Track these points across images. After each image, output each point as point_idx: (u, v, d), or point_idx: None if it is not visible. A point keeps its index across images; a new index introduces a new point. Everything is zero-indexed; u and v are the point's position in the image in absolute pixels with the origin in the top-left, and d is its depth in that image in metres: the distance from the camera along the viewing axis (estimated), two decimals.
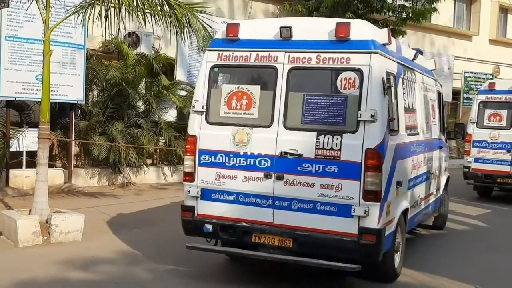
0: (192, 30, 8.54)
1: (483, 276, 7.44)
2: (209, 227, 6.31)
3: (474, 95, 21.97)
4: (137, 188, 13.12)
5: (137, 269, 6.90)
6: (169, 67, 15.09)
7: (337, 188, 5.84)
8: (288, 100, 6.10)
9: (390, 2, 18.18)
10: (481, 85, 21.64)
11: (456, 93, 24.15)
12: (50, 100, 11.83)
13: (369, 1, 17.89)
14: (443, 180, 9.69)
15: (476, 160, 13.68)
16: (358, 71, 5.85)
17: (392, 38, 6.45)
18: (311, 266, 6.09)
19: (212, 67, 6.48)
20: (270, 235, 6.09)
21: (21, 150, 11.80)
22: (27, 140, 11.69)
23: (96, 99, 13.69)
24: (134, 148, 12.92)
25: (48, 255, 7.26)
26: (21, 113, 12.43)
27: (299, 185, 5.99)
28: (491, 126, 13.60)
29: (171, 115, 14.79)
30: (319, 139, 5.91)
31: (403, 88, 6.93)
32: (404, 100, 6.95)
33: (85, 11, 8.06)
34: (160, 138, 14.36)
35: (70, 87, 11.87)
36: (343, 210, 5.83)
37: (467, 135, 13.56)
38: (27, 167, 11.81)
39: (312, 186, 5.95)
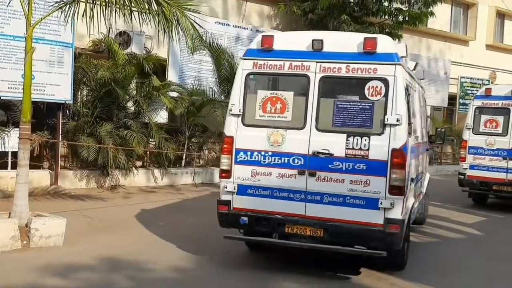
0: (181, 29, 8.25)
1: (479, 285, 7.25)
2: (245, 219, 6.96)
3: (470, 101, 21.84)
4: (125, 191, 12.83)
5: (117, 276, 6.63)
6: (160, 67, 14.83)
7: (365, 184, 6.58)
8: (319, 105, 6.82)
9: (387, 5, 17.98)
10: (477, 90, 21.44)
11: (452, 99, 23.96)
12: (36, 100, 11.67)
13: (365, 3, 17.72)
14: (427, 179, 10.53)
15: (472, 167, 13.43)
16: (384, 81, 6.58)
17: (407, 53, 7.21)
18: (335, 253, 6.90)
19: (248, 75, 7.10)
20: (302, 226, 6.79)
21: (6, 150, 11.50)
22: (12, 140, 11.35)
23: (85, 99, 13.41)
24: (123, 150, 12.63)
25: (26, 261, 6.96)
26: (7, 112, 12.16)
27: (330, 181, 6.72)
28: (487, 133, 13.35)
29: (161, 116, 14.52)
30: (348, 140, 6.65)
31: (411, 96, 7.58)
32: (412, 107, 7.57)
33: (69, 7, 7.76)
34: (150, 140, 14.09)
35: (58, 86, 11.58)
36: (371, 203, 6.57)
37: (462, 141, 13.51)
38: (12, 167, 11.47)
39: (342, 182, 6.68)
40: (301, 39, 7.03)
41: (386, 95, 6.56)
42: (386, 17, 18.33)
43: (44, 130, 12.08)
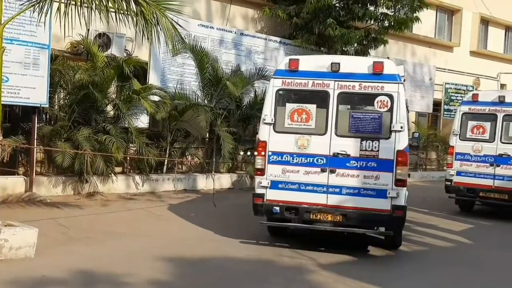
0: (161, 30, 7.88)
1: None
2: (277, 208, 8.49)
3: (454, 107, 21.71)
4: (104, 198, 12.38)
5: None
6: (141, 70, 14.37)
7: (376, 178, 8.26)
8: (338, 115, 8.45)
9: (372, 9, 17.77)
10: (462, 96, 21.36)
11: (436, 104, 23.79)
12: (11, 103, 11.29)
13: (351, 8, 17.49)
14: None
15: (459, 173, 13.21)
16: (390, 96, 8.30)
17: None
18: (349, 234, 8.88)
19: (278, 90, 8.65)
20: (324, 213, 8.38)
21: None
22: None
23: (62, 102, 12.93)
24: (102, 156, 12.19)
25: None
26: None
27: (347, 176, 8.35)
28: (474, 139, 13.15)
29: (142, 121, 14.08)
30: (362, 143, 8.31)
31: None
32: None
33: (41, 6, 7.35)
34: (130, 145, 13.66)
35: (33, 89, 11.11)
36: (380, 193, 8.24)
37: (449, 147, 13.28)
38: None
39: (357, 177, 8.32)
40: (321, 62, 8.69)
41: (391, 107, 8.26)
42: (372, 21, 18.10)
43: (19, 135, 11.58)
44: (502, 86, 25.86)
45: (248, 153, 16.03)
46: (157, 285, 6.63)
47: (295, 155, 8.49)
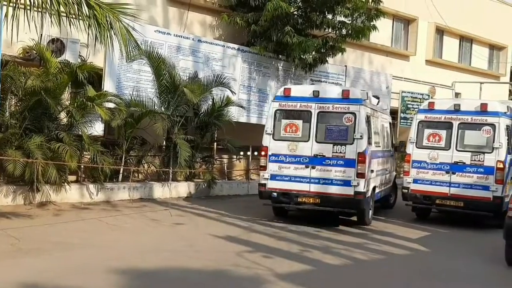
0: (115, 34, 7.67)
1: None
2: (275, 194, 11.97)
3: (411, 115, 21.97)
4: (57, 208, 12.02)
5: None
6: (96, 77, 14.03)
7: (343, 172, 11.52)
8: (317, 128, 11.82)
9: (330, 18, 17.85)
10: (418, 105, 21.62)
11: (393, 113, 24.00)
12: None
13: (309, 16, 17.53)
14: (393, 174, 15.55)
15: (415, 181, 13.29)
16: (353, 114, 11.56)
17: (369, 95, 12.46)
18: (329, 212, 11.94)
19: (276, 110, 12.13)
20: (308, 197, 11.80)
21: None
22: None
23: (13, 109, 12.52)
24: (54, 164, 11.83)
25: None
26: None
27: (323, 171, 11.61)
28: (430, 146, 13.25)
29: (97, 129, 13.75)
30: (334, 147, 11.60)
31: (372, 121, 12.40)
32: (373, 127, 12.44)
33: None
34: (85, 153, 13.31)
35: None
36: (347, 183, 11.47)
37: (406, 155, 13.45)
38: None
39: (330, 171, 11.57)
40: (306, 90, 12.37)
41: (354, 122, 11.51)
42: (330, 30, 18.19)
43: None
44: (457, 94, 26.29)
45: (241, 153, 17.11)
46: None
47: (287, 156, 11.89)
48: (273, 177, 11.92)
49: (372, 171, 11.96)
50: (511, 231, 9.20)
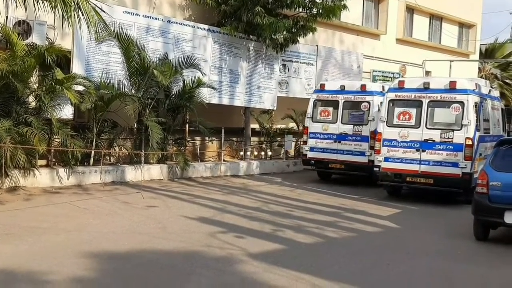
0: (82, 15, 7.54)
1: (395, 279, 7.05)
2: (312, 162, 16.27)
3: None
4: (27, 193, 11.86)
5: None
6: (65, 59, 13.80)
7: (360, 146, 15.51)
8: (343, 113, 15.75)
9: None
10: (389, 84, 21.76)
11: None
12: None
13: None
14: None
15: (386, 159, 13.45)
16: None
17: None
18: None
19: (315, 100, 16.37)
20: (337, 164, 15.78)
21: None
22: None
23: None
24: (23, 149, 11.67)
25: None
26: None
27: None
28: (400, 125, 13.40)
29: (66, 113, 13.55)
30: (354, 127, 15.71)
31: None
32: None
33: None
34: (55, 137, 13.14)
35: None
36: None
37: (377, 134, 13.56)
38: None
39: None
40: (335, 84, 16.46)
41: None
42: (300, 9, 18.12)
43: None
44: (427, 73, 26.55)
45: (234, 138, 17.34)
46: (79, 282, 6.37)
47: (321, 134, 15.98)
48: (311, 149, 16.04)
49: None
50: (479, 207, 9.41)
